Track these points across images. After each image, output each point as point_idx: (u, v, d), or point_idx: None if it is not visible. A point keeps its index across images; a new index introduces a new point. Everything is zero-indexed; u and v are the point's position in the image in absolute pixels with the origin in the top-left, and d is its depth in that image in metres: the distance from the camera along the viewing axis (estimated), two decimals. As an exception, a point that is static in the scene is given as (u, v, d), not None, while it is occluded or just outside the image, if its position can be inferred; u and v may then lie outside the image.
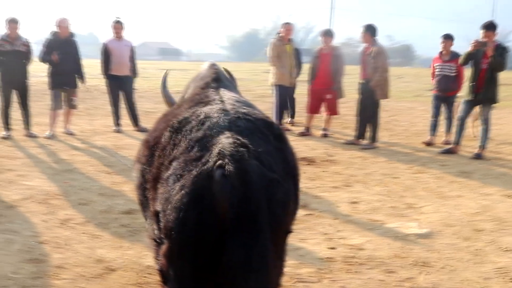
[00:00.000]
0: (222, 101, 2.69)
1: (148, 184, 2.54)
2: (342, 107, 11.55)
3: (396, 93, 19.11)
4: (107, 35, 11.22)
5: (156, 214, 2.31)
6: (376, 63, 9.34)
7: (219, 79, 3.21)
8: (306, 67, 11.45)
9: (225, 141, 2.19)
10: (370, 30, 9.58)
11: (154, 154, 2.54)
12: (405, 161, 8.60)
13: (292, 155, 2.58)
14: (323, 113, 11.00)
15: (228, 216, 2.02)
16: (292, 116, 12.42)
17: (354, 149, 9.49)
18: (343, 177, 7.43)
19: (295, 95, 12.11)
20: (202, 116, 2.46)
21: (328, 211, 5.84)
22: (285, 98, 11.23)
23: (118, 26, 10.70)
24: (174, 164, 2.27)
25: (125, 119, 11.02)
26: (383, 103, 10.06)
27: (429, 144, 9.94)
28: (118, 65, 10.67)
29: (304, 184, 6.91)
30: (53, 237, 4.83)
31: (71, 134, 10.09)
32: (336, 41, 11.54)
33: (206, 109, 2.54)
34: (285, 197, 2.24)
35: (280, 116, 11.15)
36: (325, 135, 10.69)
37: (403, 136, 11.19)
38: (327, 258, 4.54)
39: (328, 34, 10.60)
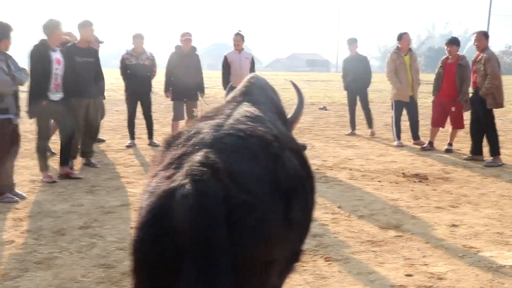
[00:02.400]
0: (228, 116, 2.57)
1: None
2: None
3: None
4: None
5: None
6: (486, 70, 8.57)
7: (247, 93, 3.09)
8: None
9: (195, 159, 2.07)
10: (485, 36, 8.86)
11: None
12: (533, 181, 7.69)
13: (290, 177, 2.36)
14: (448, 126, 10.25)
15: (184, 239, 1.90)
16: (415, 137, 10.88)
17: (477, 166, 8.70)
18: (453, 197, 6.82)
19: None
20: (192, 132, 2.36)
21: (421, 234, 5.37)
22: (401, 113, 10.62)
23: (238, 38, 10.90)
24: (153, 180, 2.20)
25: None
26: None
27: None
28: (237, 77, 10.84)
29: (406, 202, 6.49)
30: (132, 244, 4.98)
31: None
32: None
33: (201, 124, 2.44)
34: (258, 221, 2.04)
35: (398, 132, 10.63)
36: (449, 150, 9.94)
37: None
38: (399, 286, 4.16)
39: (452, 43, 9.87)
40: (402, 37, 10.68)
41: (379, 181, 7.61)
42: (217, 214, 1.90)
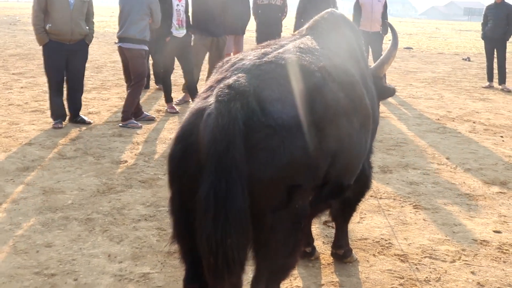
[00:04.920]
0: (280, 46, 2.61)
1: None
2: None
3: None
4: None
5: None
6: None
7: (314, 27, 3.08)
8: None
9: (226, 82, 2.17)
10: None
11: None
12: None
13: (328, 108, 2.36)
14: None
15: (203, 155, 2.03)
16: None
17: None
18: None
19: None
20: (239, 58, 2.45)
21: (528, 193, 5.03)
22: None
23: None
24: (195, 101, 2.34)
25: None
26: None
27: None
28: (368, 21, 10.57)
29: (523, 161, 6.05)
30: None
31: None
32: None
33: (250, 52, 2.52)
34: (279, 145, 2.10)
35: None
36: None
37: None
38: (482, 241, 4.00)
39: None
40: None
41: (501, 137, 7.14)
42: (233, 134, 2.00)
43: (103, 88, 9.77)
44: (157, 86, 9.61)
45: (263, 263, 2.36)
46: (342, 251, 3.57)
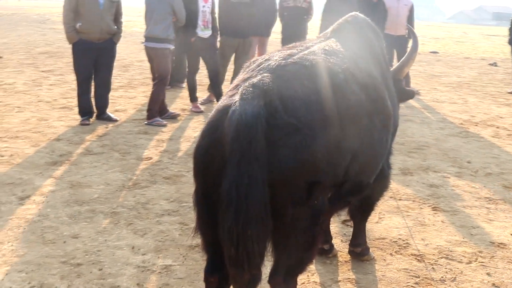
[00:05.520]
0: (306, 48, 2.71)
1: None
2: None
3: None
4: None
5: None
6: None
7: (338, 30, 3.18)
8: None
9: (251, 81, 2.27)
10: None
11: None
12: None
13: (349, 108, 2.45)
14: None
15: (227, 150, 2.14)
16: None
17: None
18: None
19: None
20: (264, 59, 2.55)
21: (550, 198, 5.03)
22: None
23: (397, -17, 10.56)
24: (222, 98, 2.45)
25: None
26: None
27: None
28: (393, 25, 10.58)
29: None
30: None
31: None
32: None
33: (276, 53, 2.61)
34: (300, 143, 2.19)
35: None
36: None
37: None
38: (500, 243, 4.03)
39: None
40: None
41: (524, 142, 7.12)
42: (256, 131, 2.10)
43: (130, 86, 9.96)
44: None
45: (281, 256, 2.46)
46: (359, 249, 3.65)
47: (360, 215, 3.60)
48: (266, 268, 2.54)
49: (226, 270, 2.33)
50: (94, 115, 7.26)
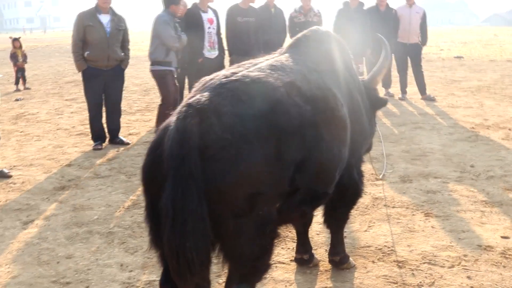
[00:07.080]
0: (253, 65, 2.83)
1: None
2: None
3: None
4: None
5: None
6: None
7: (294, 45, 3.30)
8: None
9: (188, 101, 2.42)
10: None
11: None
12: None
13: (289, 121, 2.54)
14: None
15: (165, 166, 2.28)
16: None
17: None
18: None
19: None
20: (209, 78, 2.68)
21: (549, 199, 4.97)
22: None
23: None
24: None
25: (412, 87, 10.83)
26: None
27: None
28: (406, 33, 10.60)
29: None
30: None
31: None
32: None
33: (222, 72, 2.74)
34: (235, 156, 2.30)
35: None
36: None
37: None
38: (487, 246, 4.02)
39: None
40: None
41: (535, 143, 7.02)
42: (188, 148, 2.24)
43: (147, 110, 10.22)
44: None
45: (231, 265, 2.57)
46: (338, 258, 3.70)
47: (335, 224, 3.66)
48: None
49: None
50: (107, 139, 7.50)
